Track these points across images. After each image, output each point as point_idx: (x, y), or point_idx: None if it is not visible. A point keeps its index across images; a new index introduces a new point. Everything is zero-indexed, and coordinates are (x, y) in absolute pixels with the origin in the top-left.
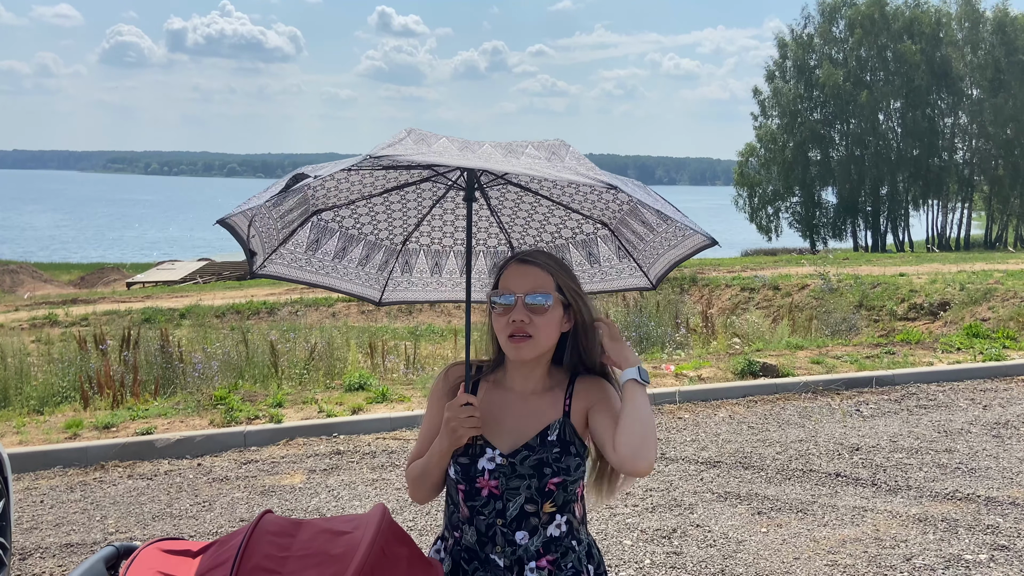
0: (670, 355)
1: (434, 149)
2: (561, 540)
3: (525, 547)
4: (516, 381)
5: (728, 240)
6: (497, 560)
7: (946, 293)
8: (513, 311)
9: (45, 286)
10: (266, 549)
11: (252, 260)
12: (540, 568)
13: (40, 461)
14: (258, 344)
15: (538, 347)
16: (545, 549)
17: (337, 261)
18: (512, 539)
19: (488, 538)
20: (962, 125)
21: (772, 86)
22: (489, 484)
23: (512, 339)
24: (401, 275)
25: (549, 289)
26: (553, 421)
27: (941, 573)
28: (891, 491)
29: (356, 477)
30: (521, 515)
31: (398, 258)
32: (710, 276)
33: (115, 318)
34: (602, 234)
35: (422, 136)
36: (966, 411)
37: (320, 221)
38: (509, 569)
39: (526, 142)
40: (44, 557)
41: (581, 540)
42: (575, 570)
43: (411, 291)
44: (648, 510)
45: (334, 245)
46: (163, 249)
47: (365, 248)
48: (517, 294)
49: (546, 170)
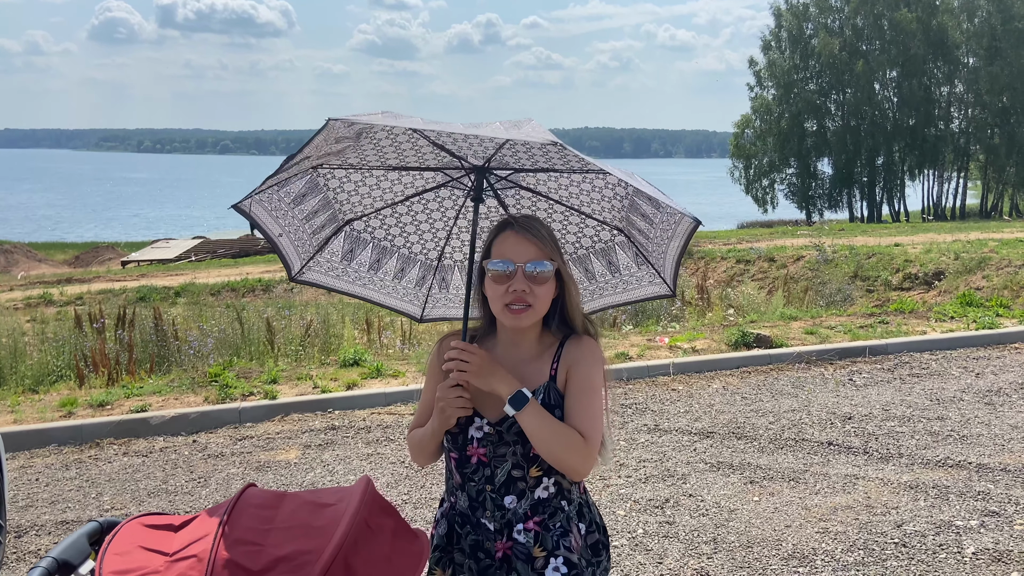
0: (665, 328)
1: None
2: (549, 501)
3: (513, 510)
4: (507, 348)
5: (724, 212)
6: (487, 524)
7: (941, 263)
8: (513, 280)
9: (40, 266)
10: (248, 522)
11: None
12: (528, 530)
13: (35, 439)
14: (253, 321)
15: (535, 316)
16: (533, 511)
17: (373, 273)
18: (501, 503)
19: (479, 503)
20: (958, 94)
21: (768, 57)
22: (478, 452)
23: (510, 308)
24: (439, 292)
25: (546, 257)
26: (539, 385)
27: (932, 539)
28: (883, 459)
29: (351, 452)
30: (508, 480)
31: (435, 274)
32: (706, 248)
33: (110, 297)
34: (619, 240)
35: (394, 115)
36: (959, 379)
37: (352, 231)
38: (499, 532)
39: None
40: (39, 535)
41: (572, 500)
42: (563, 529)
43: (451, 308)
44: (641, 481)
45: (368, 256)
46: (158, 227)
47: (399, 261)
48: (517, 263)
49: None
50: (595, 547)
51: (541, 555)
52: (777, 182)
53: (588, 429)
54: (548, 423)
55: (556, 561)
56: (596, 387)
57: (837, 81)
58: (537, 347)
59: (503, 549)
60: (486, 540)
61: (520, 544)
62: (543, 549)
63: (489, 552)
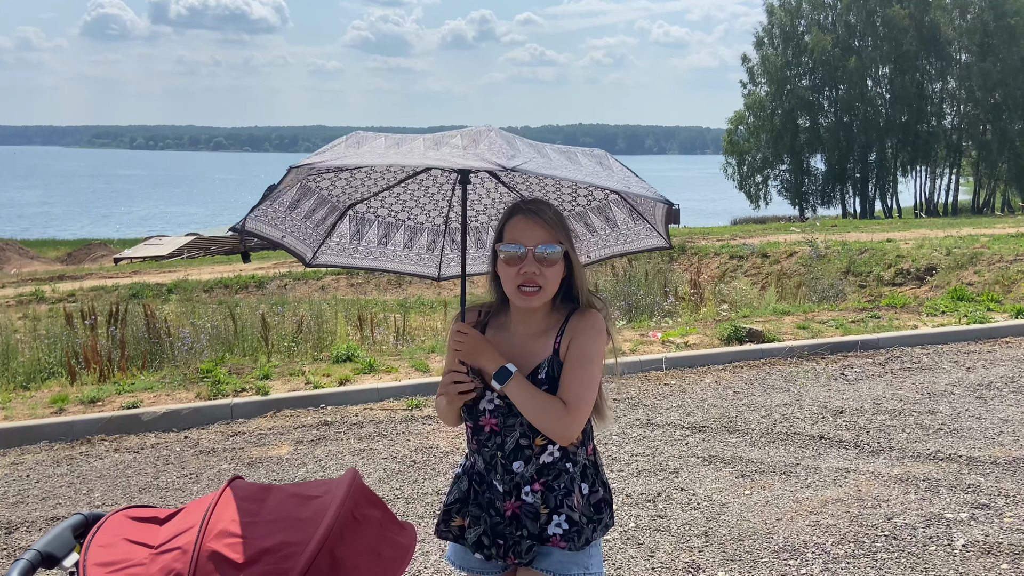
0: (658, 323)
1: (360, 151)
2: (554, 465)
3: (521, 474)
4: (518, 324)
5: (718, 209)
6: (498, 486)
7: (933, 258)
8: (524, 263)
9: (32, 263)
10: (233, 514)
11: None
12: (535, 491)
13: (26, 436)
14: (247, 318)
15: (545, 297)
16: (539, 475)
17: (383, 247)
18: (510, 468)
19: (491, 466)
20: (950, 90)
21: (761, 53)
22: (490, 422)
23: (522, 290)
24: (452, 252)
25: (555, 240)
26: (543, 359)
27: (922, 532)
28: (874, 452)
29: (343, 447)
30: (516, 448)
31: (444, 237)
32: (699, 244)
33: (102, 294)
34: (613, 199)
35: (358, 139)
36: (949, 373)
37: (356, 213)
38: (508, 493)
39: (458, 132)
40: (30, 531)
41: (577, 462)
42: (567, 490)
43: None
44: (633, 474)
45: (376, 233)
46: (151, 224)
47: (406, 232)
48: (527, 246)
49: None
50: (598, 505)
51: (545, 512)
52: (770, 178)
53: (572, 398)
54: (530, 395)
55: (559, 519)
56: (589, 357)
57: (830, 77)
58: (545, 322)
59: (512, 508)
60: (497, 500)
61: (528, 504)
62: (547, 507)
63: (499, 511)
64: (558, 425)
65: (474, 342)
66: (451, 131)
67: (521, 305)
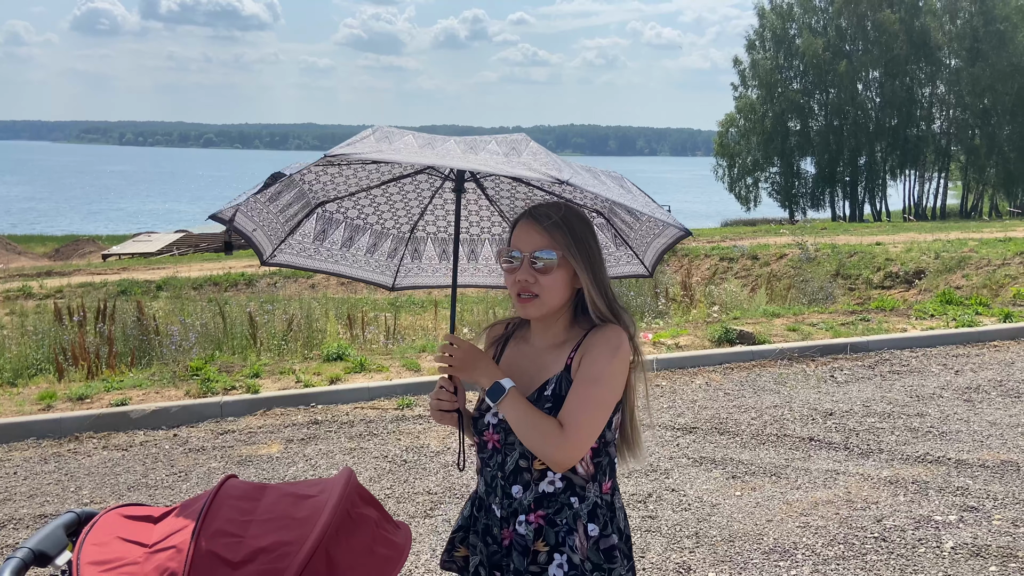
0: (649, 324)
1: (394, 147)
2: (555, 496)
3: (519, 500)
4: (536, 336)
5: (708, 211)
6: (496, 510)
7: (921, 262)
8: (520, 270)
9: (19, 258)
10: (228, 513)
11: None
12: (529, 523)
13: (13, 433)
14: (236, 316)
15: (544, 307)
16: (537, 504)
17: (345, 250)
18: (509, 492)
19: (492, 488)
20: (940, 95)
21: (752, 56)
22: (493, 438)
23: (519, 298)
24: (411, 262)
25: (554, 248)
26: (553, 376)
27: (911, 534)
28: (863, 455)
29: (334, 446)
30: (516, 469)
31: (407, 246)
32: (690, 246)
33: (90, 290)
34: (598, 222)
35: (386, 134)
36: (938, 376)
37: (325, 212)
38: (506, 520)
39: (491, 137)
40: (17, 528)
41: (585, 498)
42: (569, 528)
43: (421, 276)
44: (624, 475)
45: (341, 235)
46: (140, 221)
47: (372, 237)
48: (524, 252)
49: (502, 167)
50: (608, 552)
51: (544, 549)
52: (761, 181)
53: (569, 420)
54: (524, 413)
55: (560, 558)
56: (595, 376)
57: (820, 81)
58: (563, 336)
59: (508, 537)
60: (494, 526)
61: (519, 535)
62: (546, 544)
63: (496, 538)
64: (549, 448)
65: (465, 355)
66: (483, 136)
67: (520, 314)
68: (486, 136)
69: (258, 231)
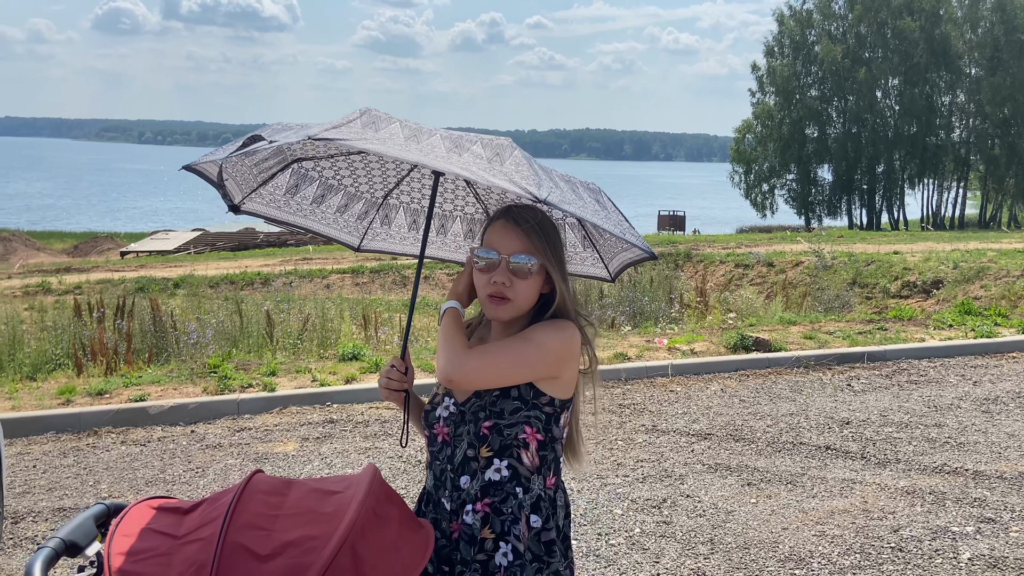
0: (663, 330)
1: (380, 135)
2: (501, 485)
3: (467, 491)
4: (495, 334)
5: (723, 217)
6: (445, 503)
7: (939, 271)
8: (495, 271)
9: (38, 254)
10: (256, 507)
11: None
12: (476, 511)
13: (33, 426)
14: (252, 314)
15: (515, 310)
16: (483, 493)
17: (315, 206)
18: (457, 484)
19: (441, 482)
20: (960, 103)
21: (770, 62)
22: (443, 431)
23: (491, 299)
24: (380, 227)
25: (534, 252)
26: None
27: (928, 544)
28: (880, 464)
29: (349, 445)
30: (464, 460)
31: (378, 211)
32: (704, 252)
33: (108, 287)
34: (570, 221)
35: (374, 119)
36: (956, 387)
37: (301, 168)
38: (454, 512)
39: (476, 137)
40: (36, 521)
41: (530, 489)
42: (513, 517)
43: (388, 242)
44: (639, 480)
45: (312, 191)
46: (157, 219)
47: (344, 197)
48: (502, 254)
49: (482, 173)
50: (548, 545)
51: (490, 536)
52: (777, 187)
53: (480, 350)
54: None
55: (506, 547)
56: (528, 337)
57: (839, 88)
58: None
59: (457, 530)
60: (443, 520)
61: (467, 525)
62: (492, 532)
63: (445, 532)
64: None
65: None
66: (468, 134)
67: (489, 315)
68: (472, 135)
69: (230, 180)
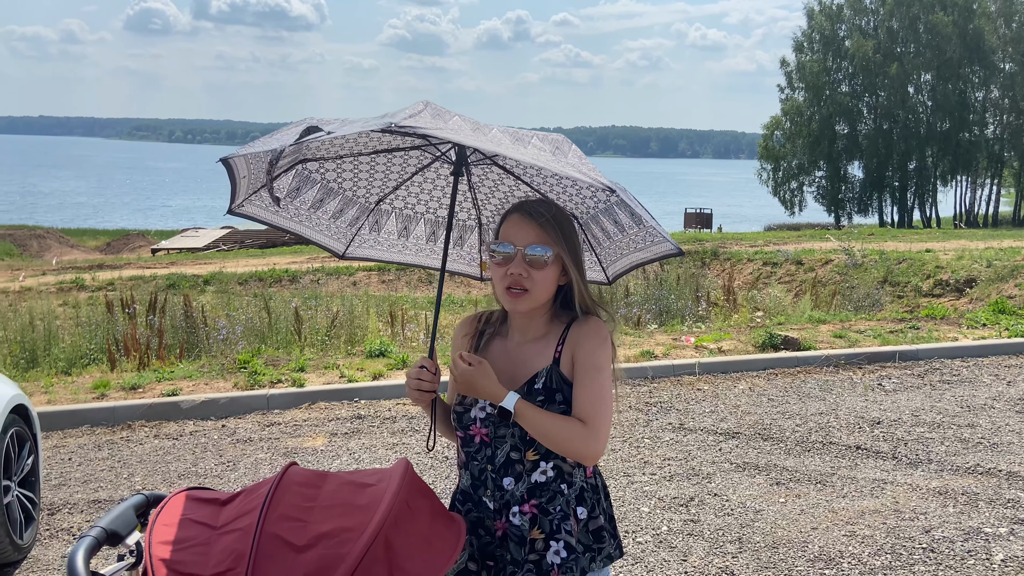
0: (690, 328)
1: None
2: (547, 485)
3: (511, 492)
4: (516, 330)
5: (751, 214)
6: (488, 503)
7: (973, 270)
8: (512, 263)
9: (72, 251)
10: (292, 499)
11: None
12: (523, 513)
13: (68, 420)
14: (280, 311)
15: (533, 301)
16: (530, 494)
17: (312, 211)
18: (500, 484)
19: (480, 482)
20: (993, 99)
21: (799, 58)
22: (480, 432)
23: (509, 291)
24: (369, 233)
25: (550, 243)
26: (542, 368)
27: (960, 545)
28: (912, 464)
29: (377, 441)
30: (507, 462)
31: (369, 216)
32: (732, 250)
33: (140, 283)
34: (615, 200)
35: (438, 111)
36: (990, 387)
37: (304, 171)
38: (498, 512)
39: (531, 132)
40: (72, 512)
41: (572, 483)
42: (563, 513)
43: (376, 249)
44: (666, 478)
45: (312, 195)
46: (187, 216)
47: (341, 202)
48: (517, 246)
49: (553, 164)
50: (597, 533)
51: (540, 537)
52: (806, 185)
53: (590, 414)
54: (542, 420)
55: (557, 545)
56: (597, 366)
57: (870, 84)
58: (544, 329)
59: (502, 528)
60: (486, 518)
61: (515, 526)
62: (542, 532)
63: (489, 529)
64: (579, 446)
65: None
66: (523, 130)
67: (508, 308)
68: (526, 131)
69: (245, 179)
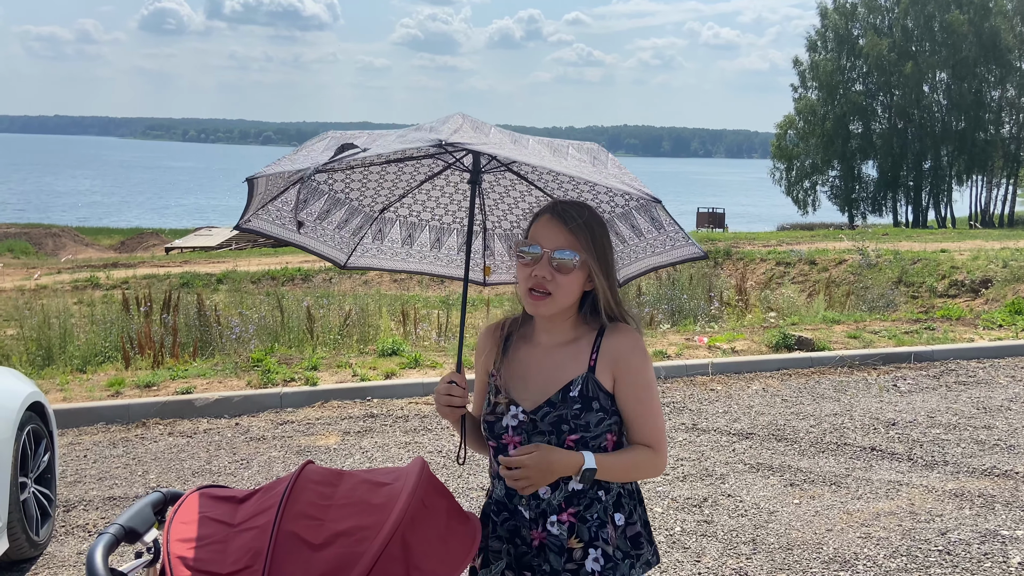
0: (703, 328)
1: (491, 140)
2: (585, 492)
3: (548, 501)
4: (542, 335)
5: (764, 214)
6: (524, 512)
7: (988, 270)
8: (538, 265)
9: (86, 250)
10: (309, 497)
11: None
12: (561, 522)
13: (84, 417)
14: (293, 309)
15: (556, 305)
16: (567, 503)
17: (319, 222)
18: (536, 493)
19: (515, 491)
20: (1009, 98)
21: (812, 57)
22: (514, 440)
23: (532, 293)
24: (372, 242)
25: (578, 248)
26: (577, 376)
27: (976, 548)
28: (927, 466)
29: (389, 440)
30: None
31: (372, 224)
32: (745, 250)
33: (154, 282)
34: (633, 204)
35: (476, 124)
36: (1006, 388)
37: (312, 182)
38: (535, 521)
39: (566, 142)
40: (87, 509)
41: (610, 489)
42: (600, 521)
43: (379, 259)
44: (679, 479)
45: (319, 207)
46: (201, 215)
47: (346, 212)
48: (545, 248)
49: (595, 176)
50: (635, 539)
51: (579, 546)
52: (819, 184)
53: (656, 438)
54: (620, 463)
55: (596, 552)
56: (648, 384)
57: (885, 83)
58: (573, 334)
59: (539, 538)
60: (523, 527)
61: (553, 536)
62: (580, 540)
63: (526, 539)
64: (652, 470)
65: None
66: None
67: (530, 311)
68: (562, 140)
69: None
